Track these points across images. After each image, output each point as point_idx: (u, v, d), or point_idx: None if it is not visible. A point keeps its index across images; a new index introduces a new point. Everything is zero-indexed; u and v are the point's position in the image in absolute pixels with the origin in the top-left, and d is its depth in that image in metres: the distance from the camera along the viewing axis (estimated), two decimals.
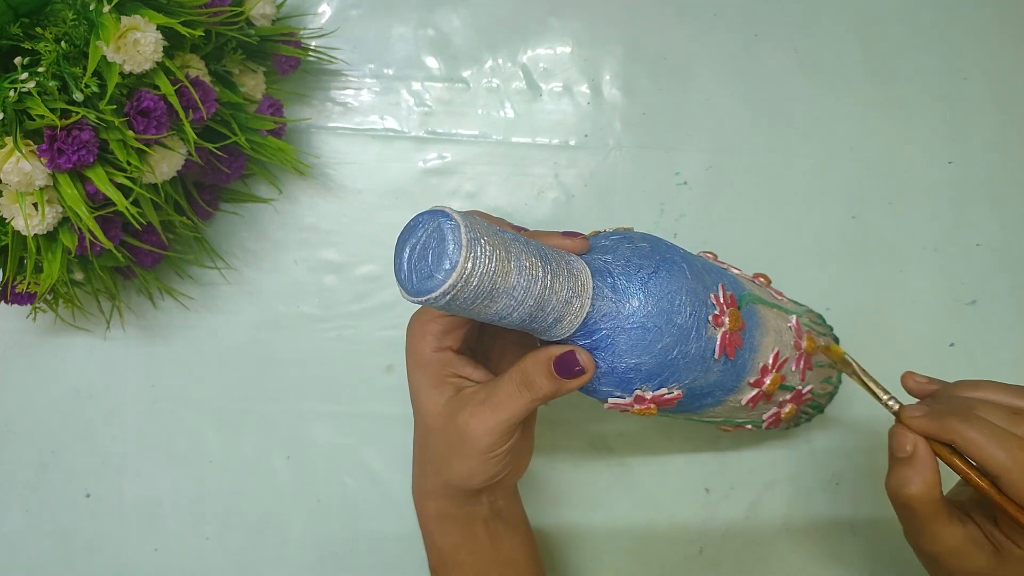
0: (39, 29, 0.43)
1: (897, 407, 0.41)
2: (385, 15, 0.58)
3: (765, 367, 0.42)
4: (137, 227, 0.47)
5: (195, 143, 0.46)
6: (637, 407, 0.38)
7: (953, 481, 0.42)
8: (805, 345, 0.45)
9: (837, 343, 0.52)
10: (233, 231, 0.56)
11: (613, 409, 0.38)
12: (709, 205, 0.58)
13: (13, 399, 0.54)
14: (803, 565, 0.55)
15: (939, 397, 0.41)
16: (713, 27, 0.60)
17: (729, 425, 0.46)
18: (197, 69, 0.48)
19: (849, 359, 0.44)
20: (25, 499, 0.54)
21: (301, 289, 0.56)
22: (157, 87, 0.44)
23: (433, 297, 0.30)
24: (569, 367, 0.35)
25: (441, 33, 0.58)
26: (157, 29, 0.43)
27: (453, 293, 0.30)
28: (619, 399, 0.37)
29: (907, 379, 0.43)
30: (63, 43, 0.42)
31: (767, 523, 0.55)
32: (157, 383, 0.55)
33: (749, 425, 0.46)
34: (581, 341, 0.36)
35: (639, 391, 0.37)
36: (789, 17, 0.60)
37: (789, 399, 0.45)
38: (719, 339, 0.37)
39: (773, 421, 0.46)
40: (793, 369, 0.44)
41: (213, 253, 0.55)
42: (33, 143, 0.42)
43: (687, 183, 0.58)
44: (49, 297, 0.50)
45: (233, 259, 0.56)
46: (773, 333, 0.43)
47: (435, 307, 0.31)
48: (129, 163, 0.44)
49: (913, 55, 0.61)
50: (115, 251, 0.47)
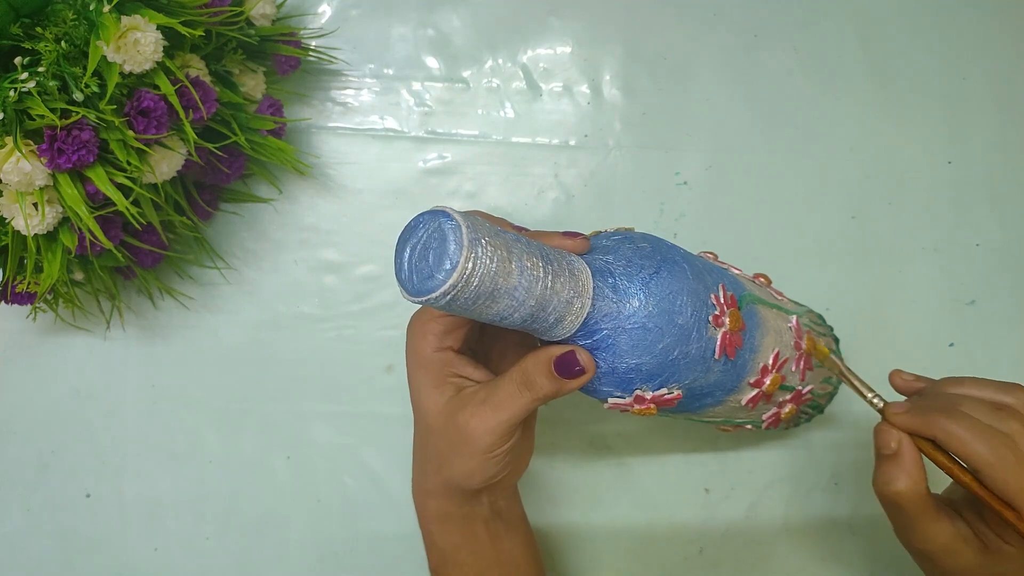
0: (39, 29, 0.43)
1: (881, 404, 0.41)
2: (385, 15, 0.58)
3: (765, 367, 0.42)
4: (137, 227, 0.47)
5: (195, 143, 0.46)
6: (637, 407, 0.38)
7: (944, 481, 0.42)
8: (805, 345, 0.45)
9: (837, 343, 0.52)
10: (233, 231, 0.56)
11: (613, 409, 0.38)
12: (709, 205, 0.58)
13: (13, 399, 0.54)
14: (803, 565, 0.55)
15: (925, 394, 0.42)
16: (713, 27, 0.60)
17: (729, 425, 0.46)
18: (197, 69, 0.48)
19: (834, 358, 0.45)
20: (25, 499, 0.54)
21: (301, 289, 0.56)
22: (157, 87, 0.44)
23: (434, 297, 0.30)
24: (569, 367, 0.35)
25: (441, 33, 0.58)
26: (157, 29, 0.43)
27: (454, 293, 0.30)
28: (619, 399, 0.37)
29: (894, 377, 0.44)
30: (63, 43, 0.42)
31: (767, 523, 0.56)
32: (157, 383, 0.55)
33: (749, 425, 0.46)
34: (582, 341, 0.36)
35: (639, 391, 0.37)
36: (789, 17, 0.60)
37: (789, 399, 0.45)
38: (719, 339, 0.37)
39: (773, 421, 0.46)
40: (793, 369, 0.44)
41: (213, 253, 0.55)
42: (33, 143, 0.42)
43: (687, 183, 0.58)
44: (49, 297, 0.50)
45: (233, 259, 0.56)
46: (773, 333, 0.43)
47: (436, 307, 0.31)
48: (129, 163, 0.44)
49: (913, 55, 0.61)
50: (115, 251, 0.47)
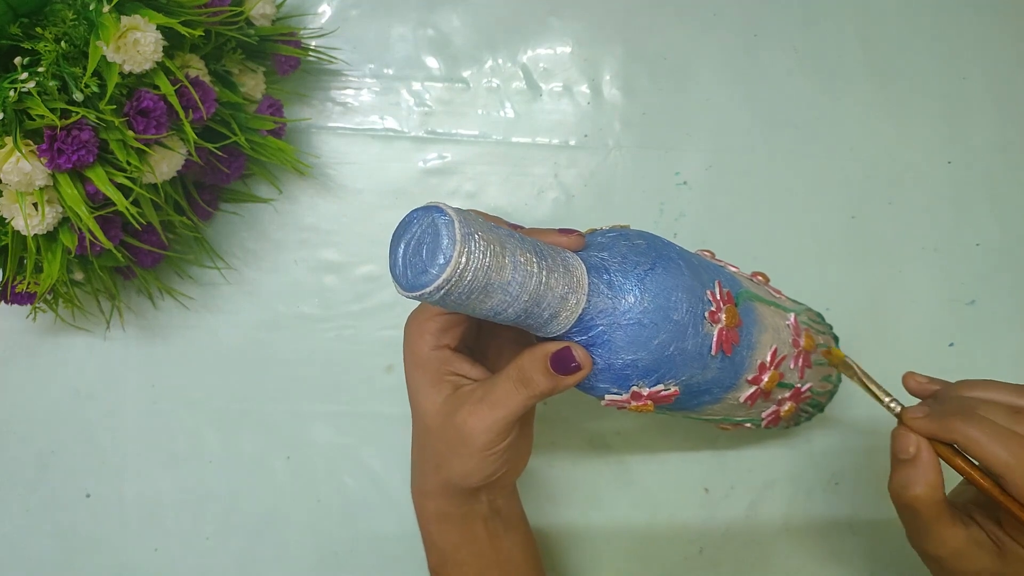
0: (39, 29, 0.43)
1: (899, 409, 0.41)
2: (385, 15, 0.58)
3: (763, 364, 0.42)
4: (137, 227, 0.47)
5: (195, 143, 0.46)
6: (634, 404, 0.38)
7: (955, 482, 0.42)
8: (804, 343, 0.45)
9: (836, 342, 0.52)
10: (233, 231, 0.56)
11: (610, 406, 0.38)
12: (709, 205, 0.58)
13: (13, 399, 0.54)
14: (803, 565, 0.55)
15: (940, 397, 0.41)
16: (713, 27, 0.60)
17: (728, 423, 0.46)
18: (197, 69, 0.48)
19: (850, 362, 0.44)
20: (25, 499, 0.54)
21: (301, 289, 0.56)
22: (157, 87, 0.44)
23: (427, 292, 0.30)
24: (565, 363, 0.35)
25: (441, 33, 0.59)
26: (157, 29, 0.43)
27: (447, 288, 0.30)
28: (616, 396, 0.37)
29: (908, 379, 0.43)
30: (63, 43, 0.42)
31: (767, 523, 0.55)
32: (157, 383, 0.55)
33: (748, 424, 0.46)
34: (577, 338, 0.36)
35: (636, 387, 0.37)
36: (789, 17, 0.60)
37: (788, 397, 0.45)
38: (716, 335, 0.37)
39: (772, 419, 0.46)
40: (792, 367, 0.44)
41: (213, 253, 0.56)
42: (33, 143, 0.42)
43: (687, 183, 0.58)
44: (49, 297, 0.50)
45: (233, 259, 0.56)
46: (771, 330, 0.43)
47: (430, 302, 0.31)
48: (129, 163, 0.44)
49: (913, 55, 0.61)
50: (115, 251, 0.48)
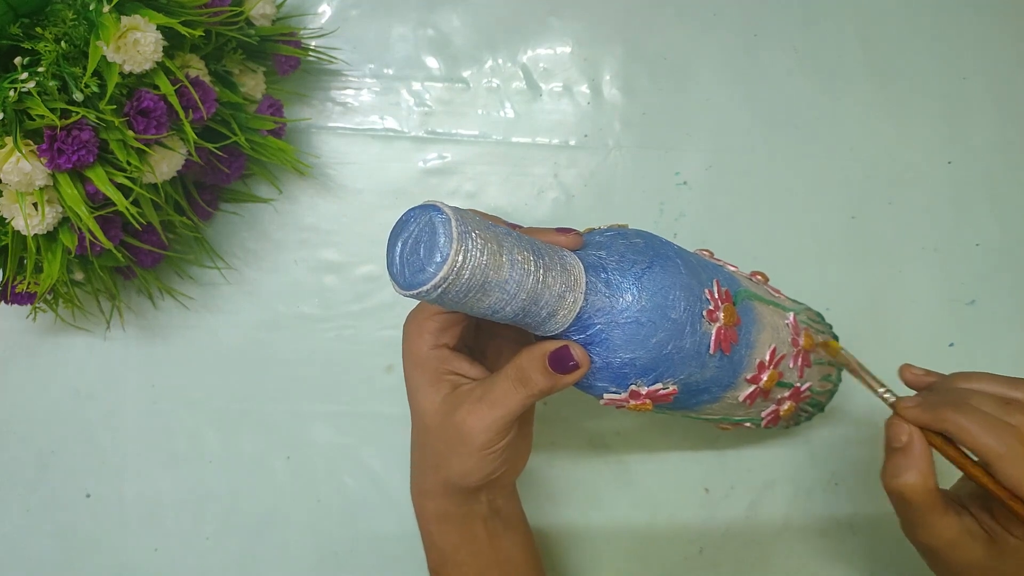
0: (39, 29, 0.43)
1: (893, 399, 0.42)
2: (385, 15, 0.58)
3: (762, 363, 0.42)
4: (137, 227, 0.47)
5: (195, 143, 0.46)
6: (633, 402, 0.38)
7: (950, 476, 0.42)
8: (803, 342, 0.45)
9: (836, 341, 0.52)
10: (233, 231, 0.56)
11: (609, 405, 0.38)
12: (709, 205, 0.58)
13: (13, 399, 0.55)
14: (803, 565, 0.55)
15: (935, 389, 0.42)
16: (713, 27, 0.60)
17: (727, 423, 0.46)
18: (197, 69, 0.48)
19: (846, 354, 0.45)
20: (25, 499, 0.54)
21: (301, 289, 0.56)
22: (157, 87, 0.44)
23: (425, 290, 0.30)
24: (564, 362, 0.35)
25: (441, 33, 0.59)
26: (157, 29, 0.43)
27: (444, 286, 0.30)
28: (614, 394, 0.37)
29: (904, 371, 0.44)
30: (63, 43, 0.42)
31: (767, 523, 0.55)
32: (157, 383, 0.55)
33: (748, 423, 0.46)
34: (576, 336, 0.36)
35: (634, 386, 0.37)
36: (789, 17, 0.60)
37: (787, 396, 0.45)
38: (714, 334, 0.37)
39: (772, 419, 0.46)
40: (791, 366, 0.44)
41: (213, 253, 0.56)
42: (33, 143, 0.42)
43: (687, 183, 0.58)
44: (49, 297, 0.50)
45: (233, 259, 0.56)
46: (770, 330, 0.43)
47: (427, 300, 0.31)
48: (129, 163, 0.44)
49: (913, 55, 0.61)
50: (115, 251, 0.48)
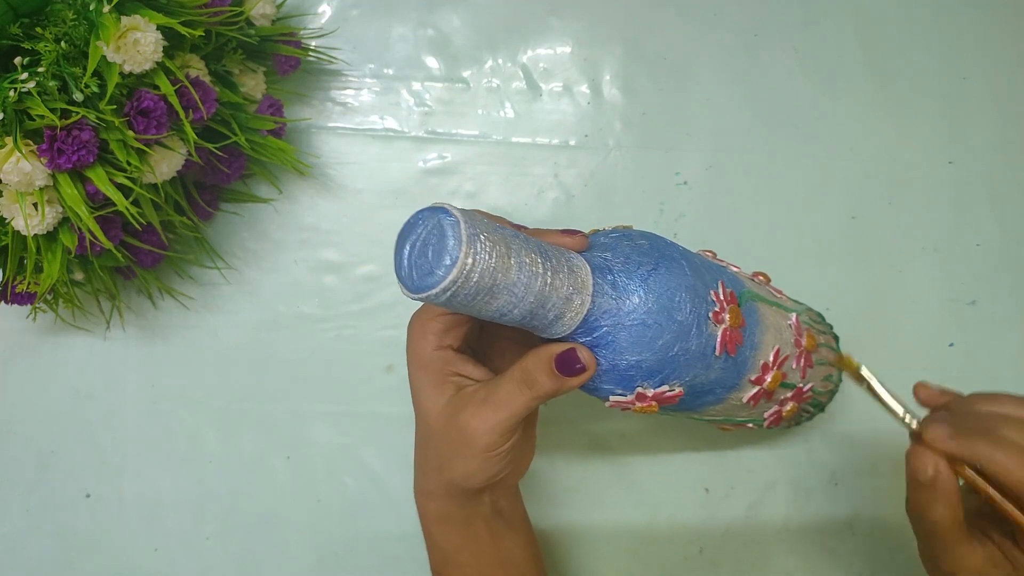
0: (39, 29, 0.43)
1: (915, 425, 0.39)
2: (385, 15, 0.58)
3: (766, 364, 0.41)
4: (137, 227, 0.47)
5: (195, 143, 0.46)
6: (639, 405, 0.37)
7: None
8: (805, 343, 0.45)
9: (837, 341, 0.52)
10: (233, 231, 0.56)
11: (614, 407, 0.38)
12: (709, 205, 0.58)
13: (13, 399, 0.54)
14: (803, 565, 0.55)
15: (957, 412, 0.39)
16: (713, 27, 0.60)
17: (730, 424, 0.46)
18: (197, 69, 0.48)
19: (865, 374, 0.42)
20: (25, 499, 0.54)
21: (301, 289, 0.56)
22: (157, 87, 0.44)
23: (434, 293, 0.30)
24: (570, 365, 0.35)
25: (441, 33, 0.58)
26: (157, 29, 0.43)
27: (454, 289, 0.30)
28: (620, 397, 0.37)
29: (919, 390, 0.42)
30: (63, 43, 0.42)
31: (767, 523, 0.55)
32: (157, 383, 0.55)
33: (751, 424, 0.46)
34: (582, 339, 0.36)
35: (640, 389, 0.37)
36: (789, 17, 0.60)
37: (790, 397, 0.45)
38: (719, 336, 0.37)
39: (774, 419, 0.46)
40: (794, 367, 0.44)
41: (213, 253, 0.55)
42: (33, 143, 0.42)
43: (687, 183, 0.58)
44: (49, 297, 0.50)
45: (233, 259, 0.56)
46: (773, 330, 0.42)
47: (436, 304, 0.31)
48: (129, 163, 0.44)
49: (913, 55, 0.61)
50: (115, 251, 0.47)
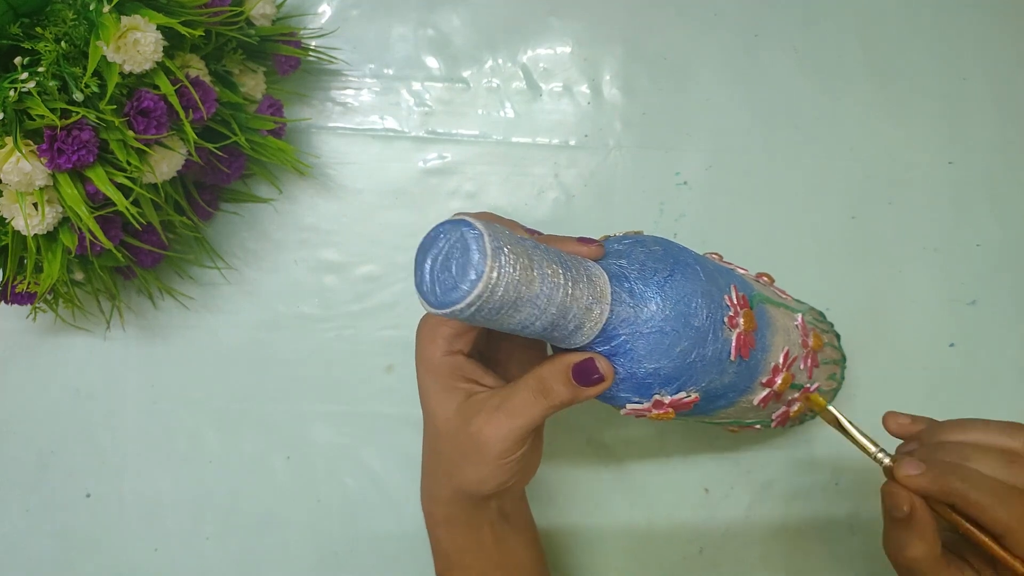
0: (39, 29, 0.43)
1: (888, 461, 0.39)
2: (385, 15, 0.58)
3: (776, 366, 0.41)
4: (137, 227, 0.46)
5: (195, 143, 0.46)
6: (655, 412, 0.37)
7: None
8: (812, 343, 0.45)
9: (838, 339, 0.52)
10: (233, 231, 0.56)
11: (630, 415, 0.38)
12: (709, 205, 0.58)
13: (13, 399, 0.54)
14: (803, 565, 0.55)
15: (927, 444, 0.39)
16: (713, 27, 0.60)
17: (737, 426, 0.46)
18: (197, 69, 0.47)
19: (832, 410, 0.43)
20: (25, 499, 0.54)
21: (301, 289, 0.56)
22: (157, 87, 0.44)
23: (459, 308, 0.29)
24: (588, 375, 0.35)
25: (441, 33, 0.58)
26: (157, 29, 0.43)
27: (479, 304, 0.29)
28: (637, 404, 0.37)
29: (889, 420, 0.41)
30: (63, 43, 0.42)
31: (767, 523, 0.56)
32: (157, 383, 0.55)
33: (758, 425, 0.46)
34: (600, 348, 0.35)
35: (658, 396, 0.36)
36: (789, 17, 0.60)
37: (798, 397, 0.45)
38: (734, 340, 0.37)
39: (781, 420, 0.46)
40: (801, 367, 0.44)
41: (213, 253, 0.55)
42: (33, 143, 0.42)
43: (687, 183, 0.58)
44: (49, 297, 0.50)
45: (233, 259, 0.56)
46: (782, 332, 0.42)
47: (459, 319, 0.30)
48: (129, 163, 0.44)
49: (913, 55, 0.61)
50: (115, 251, 0.47)
